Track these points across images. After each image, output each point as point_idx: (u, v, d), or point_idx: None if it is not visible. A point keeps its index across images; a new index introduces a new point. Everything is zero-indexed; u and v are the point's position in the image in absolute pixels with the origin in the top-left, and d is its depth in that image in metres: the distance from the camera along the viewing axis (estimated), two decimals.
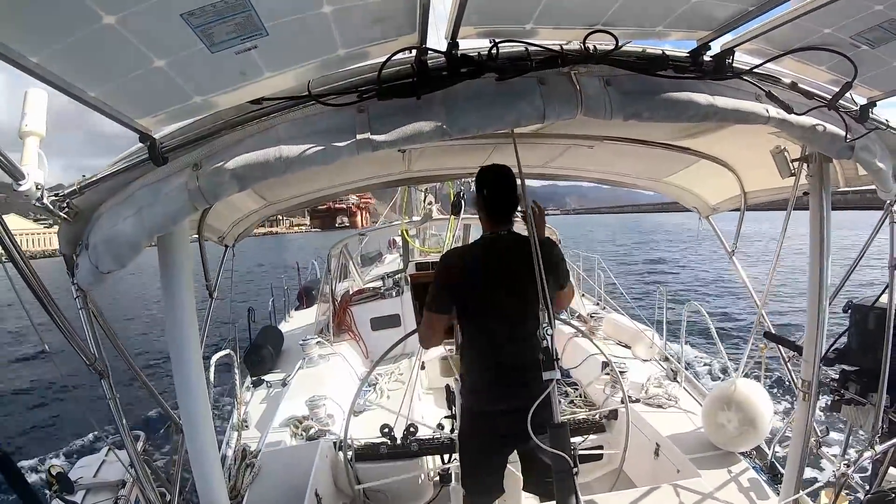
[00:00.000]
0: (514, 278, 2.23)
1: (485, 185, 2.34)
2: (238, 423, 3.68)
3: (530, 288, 2.03)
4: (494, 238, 2.35)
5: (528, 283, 2.07)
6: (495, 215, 2.34)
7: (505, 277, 2.27)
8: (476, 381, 2.41)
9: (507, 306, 2.28)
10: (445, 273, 2.39)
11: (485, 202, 2.34)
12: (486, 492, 2.48)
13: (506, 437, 2.36)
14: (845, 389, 2.42)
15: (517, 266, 2.18)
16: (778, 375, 6.71)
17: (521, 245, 2.24)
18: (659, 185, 3.73)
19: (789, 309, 13.20)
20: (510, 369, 2.29)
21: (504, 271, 2.28)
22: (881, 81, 1.81)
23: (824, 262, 2.20)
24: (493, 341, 2.32)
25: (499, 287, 2.28)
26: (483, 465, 2.47)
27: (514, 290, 2.24)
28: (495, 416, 2.34)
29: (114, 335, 1.92)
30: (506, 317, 2.29)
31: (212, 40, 1.13)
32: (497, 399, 2.32)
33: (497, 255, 2.32)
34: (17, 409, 10.76)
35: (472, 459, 2.52)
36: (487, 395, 2.36)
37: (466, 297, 2.31)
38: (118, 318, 19.07)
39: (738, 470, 2.89)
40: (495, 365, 2.32)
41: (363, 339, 5.84)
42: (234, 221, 3.14)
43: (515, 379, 2.27)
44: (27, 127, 1.34)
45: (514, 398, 2.23)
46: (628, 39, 1.56)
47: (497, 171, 2.36)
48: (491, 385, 2.34)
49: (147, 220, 1.45)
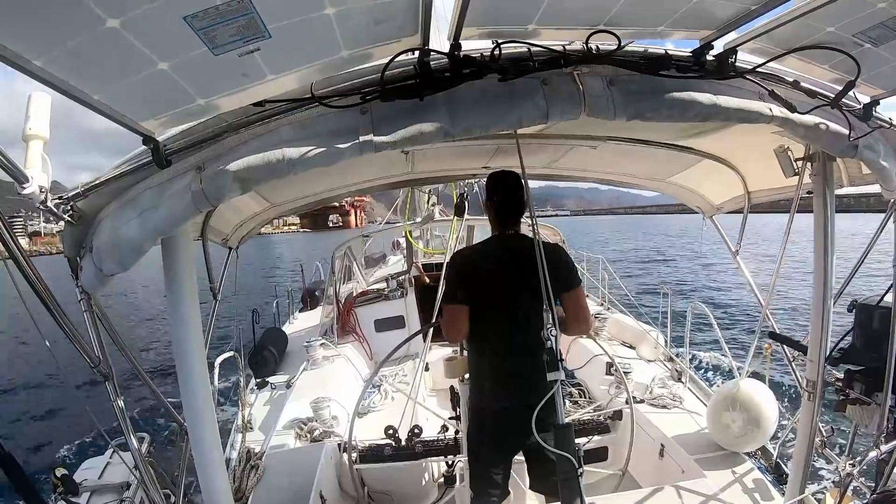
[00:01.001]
0: (522, 277, 2.26)
1: (495, 193, 2.42)
2: (242, 425, 3.68)
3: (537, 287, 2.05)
4: (503, 238, 2.41)
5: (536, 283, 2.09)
6: (505, 220, 2.42)
7: (512, 276, 2.30)
8: (483, 379, 2.42)
9: (514, 305, 2.31)
10: (457, 268, 2.44)
11: (495, 208, 2.43)
12: (492, 492, 2.48)
13: (512, 435, 2.37)
14: (850, 389, 2.41)
15: (525, 265, 2.21)
16: (783, 375, 6.68)
17: (529, 245, 2.26)
18: (662, 185, 3.72)
19: (794, 306, 13.16)
20: (518, 367, 2.30)
21: (512, 270, 2.30)
22: (884, 80, 1.80)
23: (829, 261, 2.19)
24: (500, 339, 2.34)
25: (506, 285, 2.31)
26: (490, 465, 2.47)
27: (522, 288, 2.26)
28: (502, 414, 2.35)
29: (118, 337, 1.92)
30: (513, 315, 2.32)
31: (215, 43, 1.13)
32: (504, 397, 2.33)
33: (505, 254, 2.36)
34: (21, 411, 10.78)
35: (478, 459, 2.52)
36: (494, 393, 2.37)
37: (475, 293, 2.33)
38: (122, 321, 19.15)
39: (742, 470, 2.88)
40: (502, 363, 2.34)
41: (367, 340, 5.84)
42: (238, 223, 3.15)
43: (523, 377, 2.28)
44: (31, 130, 1.35)
45: (521, 396, 2.24)
46: (631, 39, 1.56)
47: (506, 179, 2.42)
48: (498, 383, 2.36)
49: (150, 222, 1.45)
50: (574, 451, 1.85)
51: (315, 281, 9.95)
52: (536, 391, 1.96)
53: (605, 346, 4.05)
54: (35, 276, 1.47)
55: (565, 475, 1.85)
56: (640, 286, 18.21)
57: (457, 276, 2.42)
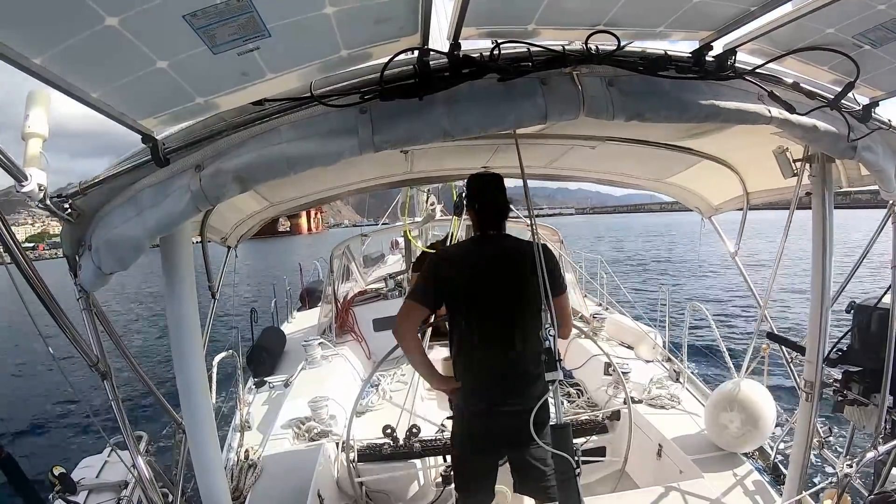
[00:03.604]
0: (508, 278, 2.22)
1: (474, 200, 2.37)
2: (240, 424, 3.67)
3: (526, 288, 2.03)
4: (486, 238, 2.36)
5: (521, 283, 2.08)
6: (488, 222, 2.36)
7: (498, 277, 2.25)
8: (469, 381, 2.34)
9: (500, 306, 2.25)
10: (436, 268, 2.37)
11: (476, 210, 2.37)
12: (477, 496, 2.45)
13: (499, 439, 2.32)
14: (848, 390, 2.41)
15: (510, 266, 2.20)
16: (780, 376, 6.68)
17: (515, 245, 2.28)
18: (661, 185, 3.73)
19: (792, 307, 13.17)
20: (505, 370, 2.25)
21: (497, 271, 2.26)
22: (884, 81, 1.80)
23: (827, 262, 2.19)
24: (486, 341, 2.27)
25: (491, 286, 2.25)
26: (475, 468, 2.44)
27: (508, 289, 2.22)
28: (489, 416, 2.29)
29: (116, 336, 1.92)
30: (499, 316, 2.26)
31: (214, 42, 1.13)
32: (493, 400, 2.27)
33: (490, 254, 2.31)
34: (19, 409, 10.77)
35: (464, 461, 2.49)
36: (481, 395, 2.30)
37: (458, 294, 2.28)
38: (120, 319, 19.13)
39: (740, 471, 2.88)
40: (489, 366, 2.28)
41: (365, 340, 5.83)
42: (237, 223, 3.15)
43: (511, 380, 2.25)
44: (30, 128, 1.35)
45: (511, 399, 2.21)
46: (630, 40, 1.56)
47: (486, 181, 2.38)
48: (484, 386, 2.30)
49: (149, 221, 1.45)
50: (572, 451, 1.86)
51: (313, 280, 9.95)
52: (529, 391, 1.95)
53: (604, 346, 4.05)
54: (34, 276, 1.47)
55: (563, 475, 1.86)
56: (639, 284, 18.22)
57: (431, 276, 2.34)
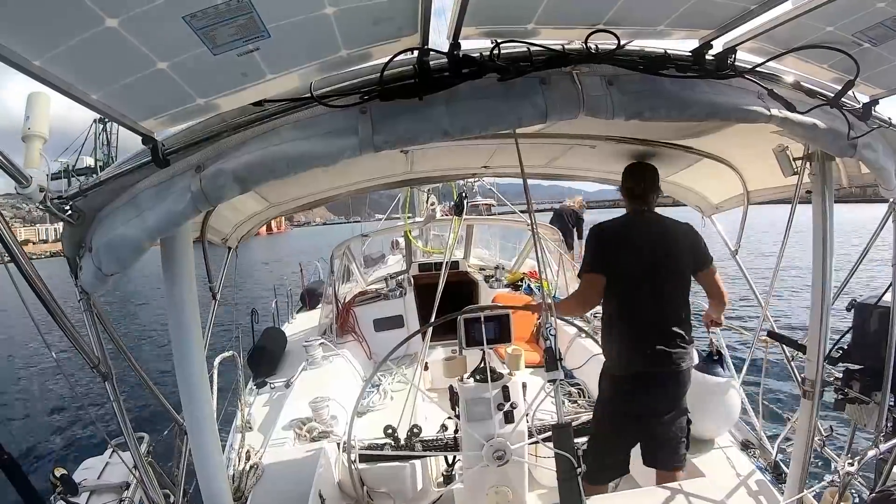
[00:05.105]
0: (660, 253, 2.50)
1: (626, 181, 2.72)
2: (242, 425, 3.67)
3: (669, 262, 2.46)
4: (637, 214, 2.66)
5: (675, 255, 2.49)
6: (635, 202, 2.67)
7: (649, 250, 2.51)
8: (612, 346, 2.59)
9: (651, 276, 2.48)
10: (599, 240, 2.62)
11: (627, 192, 2.70)
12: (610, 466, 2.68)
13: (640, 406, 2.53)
14: (849, 388, 2.41)
15: (657, 240, 2.52)
16: (780, 374, 6.68)
17: (662, 224, 2.61)
18: (662, 184, 3.71)
19: (793, 306, 13.15)
20: (654, 336, 2.46)
21: (647, 244, 2.52)
22: (884, 79, 1.80)
23: (827, 260, 2.19)
24: (637, 308, 2.50)
25: (644, 257, 2.49)
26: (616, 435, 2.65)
27: (663, 260, 2.49)
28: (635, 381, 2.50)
29: (117, 337, 1.92)
30: (651, 285, 2.48)
31: (214, 42, 1.13)
32: (640, 363, 2.47)
33: (642, 229, 2.59)
34: (20, 411, 10.77)
35: (607, 426, 2.68)
36: (630, 360, 2.50)
37: (615, 264, 2.52)
38: (121, 320, 19.13)
39: (742, 470, 2.88)
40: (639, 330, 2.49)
41: (366, 340, 5.83)
42: (237, 223, 3.15)
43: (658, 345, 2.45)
44: (30, 129, 1.35)
45: (656, 363, 2.45)
46: (630, 39, 1.56)
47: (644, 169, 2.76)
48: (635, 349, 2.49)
49: (150, 222, 1.46)
50: (573, 450, 1.86)
51: (314, 281, 9.94)
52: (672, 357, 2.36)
53: None
54: (34, 277, 1.47)
55: (565, 475, 1.86)
56: None
57: (597, 247, 2.59)
